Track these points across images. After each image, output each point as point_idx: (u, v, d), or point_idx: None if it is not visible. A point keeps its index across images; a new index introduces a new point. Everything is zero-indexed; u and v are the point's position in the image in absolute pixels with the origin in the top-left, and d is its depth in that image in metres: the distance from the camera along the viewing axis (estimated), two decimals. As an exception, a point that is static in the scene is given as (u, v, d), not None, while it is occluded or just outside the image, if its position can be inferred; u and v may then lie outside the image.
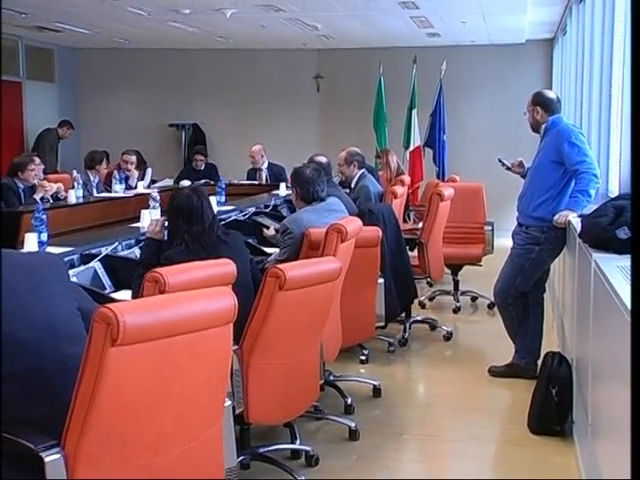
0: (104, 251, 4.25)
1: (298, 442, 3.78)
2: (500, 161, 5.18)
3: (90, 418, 1.97)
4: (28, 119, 11.66)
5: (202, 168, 9.87)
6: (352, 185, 6.89)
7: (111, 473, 2.02)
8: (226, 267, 3.08)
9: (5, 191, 6.53)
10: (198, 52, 12.19)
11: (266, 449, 3.62)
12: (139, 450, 2.08)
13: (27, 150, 11.03)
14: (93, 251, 4.23)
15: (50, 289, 2.39)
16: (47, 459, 1.96)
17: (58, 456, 1.97)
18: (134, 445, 2.06)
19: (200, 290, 2.27)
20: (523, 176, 5.06)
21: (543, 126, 4.80)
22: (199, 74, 12.50)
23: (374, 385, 4.72)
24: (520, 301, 4.87)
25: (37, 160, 6.95)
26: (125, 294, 3.82)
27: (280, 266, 3.13)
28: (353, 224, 4.23)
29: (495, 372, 4.99)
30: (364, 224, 4.52)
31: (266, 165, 9.42)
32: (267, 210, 6.70)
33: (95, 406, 1.97)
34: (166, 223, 3.87)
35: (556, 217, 4.58)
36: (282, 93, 12.34)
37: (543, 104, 4.81)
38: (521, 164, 5.14)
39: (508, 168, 5.19)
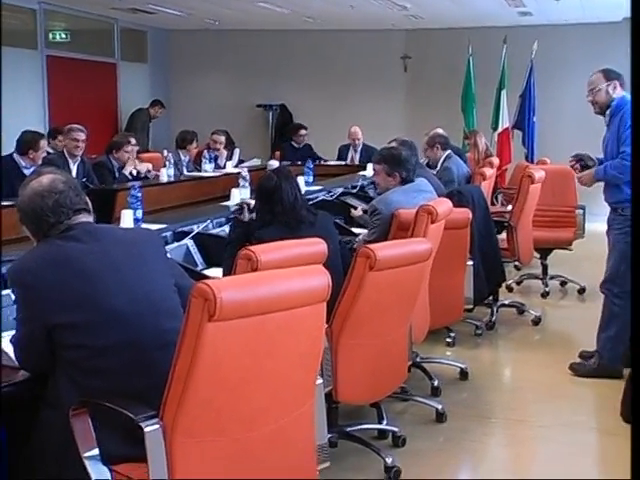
0: (196, 229, 4.33)
1: (385, 422, 3.80)
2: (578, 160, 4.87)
3: (187, 391, 2.01)
4: (122, 99, 11.95)
5: (302, 145, 9.94)
6: (437, 167, 6.83)
7: (207, 445, 2.07)
8: (317, 246, 3.09)
9: (100, 169, 6.72)
10: (286, 33, 12.23)
11: (353, 428, 3.64)
12: (234, 424, 2.11)
13: (120, 129, 11.30)
14: (185, 229, 4.31)
15: (148, 265, 2.44)
16: (147, 429, 2.01)
17: (157, 427, 2.02)
18: (229, 419, 2.10)
19: (295, 268, 2.29)
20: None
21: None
22: (287, 55, 12.55)
23: (461, 368, 4.69)
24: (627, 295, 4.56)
25: (133, 141, 7.12)
26: (216, 271, 3.89)
27: (371, 246, 3.13)
28: (443, 205, 4.18)
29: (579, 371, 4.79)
30: (453, 206, 4.47)
31: (361, 146, 9.45)
32: (354, 191, 6.71)
33: (192, 380, 2.00)
34: (252, 204, 3.97)
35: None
36: (369, 74, 12.28)
37: (620, 79, 4.58)
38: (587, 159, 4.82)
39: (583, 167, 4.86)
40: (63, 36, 11.16)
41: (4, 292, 2.89)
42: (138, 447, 2.03)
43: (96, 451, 2.16)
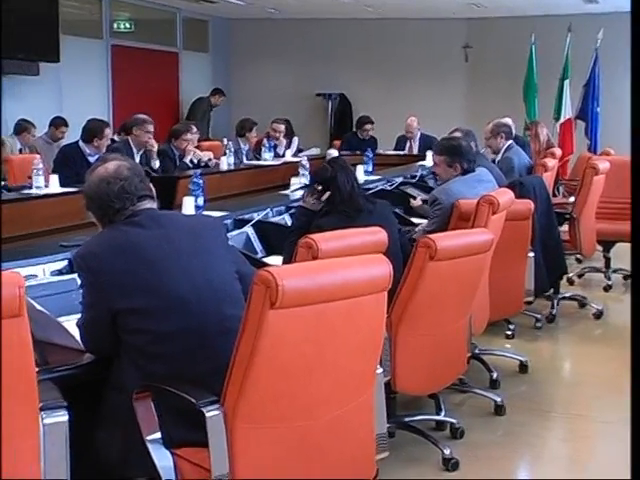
0: (256, 217, 4.36)
1: (443, 414, 3.77)
2: None
3: (248, 378, 2.02)
4: (183, 88, 12.08)
5: (367, 138, 9.92)
6: (498, 157, 6.75)
7: (267, 432, 2.08)
8: (377, 235, 3.08)
9: (162, 156, 6.80)
10: (346, 22, 12.20)
11: (411, 419, 3.63)
12: (294, 412, 2.12)
13: (181, 118, 11.43)
14: (245, 216, 4.34)
15: (211, 251, 2.46)
16: (208, 414, 2.02)
17: (218, 412, 2.04)
18: (289, 406, 2.11)
19: (357, 256, 2.28)
20: None
21: None
22: (347, 44, 12.52)
23: (521, 361, 4.64)
24: None
25: (194, 129, 7.19)
26: (276, 259, 3.90)
27: (431, 236, 3.11)
28: (505, 196, 4.13)
29: None
30: (515, 196, 4.41)
31: (419, 136, 9.39)
32: (414, 181, 6.66)
33: (253, 367, 2.02)
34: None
35: None
36: (429, 63, 12.19)
37: None
38: None
39: None
40: (127, 26, 11.33)
41: (68, 277, 2.95)
42: (199, 432, 2.05)
43: (158, 435, 2.19)
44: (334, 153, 8.09)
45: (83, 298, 2.39)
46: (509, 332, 5.22)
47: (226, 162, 7.23)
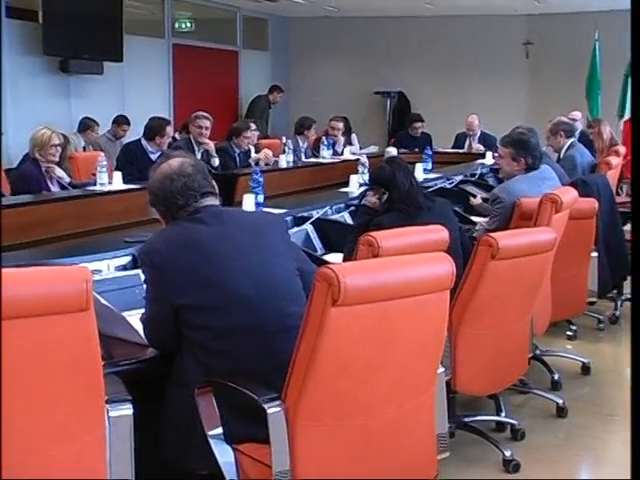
0: (315, 214, 4.36)
1: (503, 415, 3.73)
2: None
3: (309, 375, 2.02)
4: (242, 86, 12.17)
5: (418, 135, 9.86)
6: (561, 155, 6.64)
7: (328, 429, 2.08)
8: (439, 233, 3.06)
9: (222, 154, 6.86)
10: (406, 19, 12.14)
11: (472, 419, 3.60)
12: (354, 409, 2.11)
13: (240, 116, 11.52)
14: (305, 214, 4.35)
15: (272, 249, 2.47)
16: (269, 411, 2.03)
17: (279, 409, 2.04)
18: (350, 404, 2.11)
19: (419, 254, 2.27)
20: None
21: None
22: (406, 42, 12.46)
23: (583, 362, 4.56)
24: None
25: (253, 126, 7.23)
26: (335, 257, 3.91)
27: (493, 235, 3.07)
28: (568, 194, 4.06)
29: None
30: (578, 195, 4.33)
31: (479, 134, 9.30)
32: (474, 179, 6.60)
33: (314, 364, 2.02)
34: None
35: None
36: (489, 60, 12.05)
37: None
38: None
39: None
40: (188, 25, 11.47)
41: (132, 272, 2.99)
42: (261, 428, 2.06)
43: (220, 430, 2.21)
44: (393, 151, 8.05)
45: (147, 294, 2.43)
46: (571, 333, 5.13)
47: (285, 160, 7.26)
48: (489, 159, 7.76)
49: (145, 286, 2.44)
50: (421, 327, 2.19)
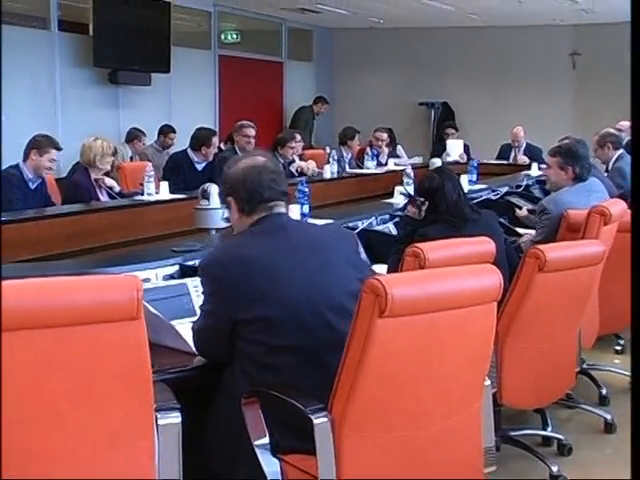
0: (360, 225, 4.36)
1: (550, 429, 3.68)
2: None
3: (356, 386, 2.02)
4: (287, 97, 12.24)
5: None
6: (609, 167, 6.56)
7: (374, 441, 2.08)
8: (485, 245, 3.04)
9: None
10: (450, 30, 12.11)
11: (517, 433, 3.56)
12: (401, 421, 2.11)
13: (285, 127, 11.58)
14: (350, 224, 4.35)
15: (334, 267, 2.42)
16: (316, 421, 2.03)
17: (325, 419, 2.05)
18: (396, 416, 2.10)
19: (466, 266, 2.26)
20: None
21: None
22: (450, 52, 12.42)
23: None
24: None
25: (298, 137, 7.26)
26: (380, 268, 3.89)
27: (540, 247, 3.04)
28: (617, 206, 4.01)
29: None
30: (627, 207, 4.28)
31: (524, 146, 9.23)
32: (519, 190, 6.55)
33: (361, 375, 2.02)
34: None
35: None
36: (534, 71, 11.96)
37: None
38: None
39: None
40: (234, 37, 11.58)
41: (179, 281, 3.02)
42: (307, 439, 2.07)
43: (266, 440, 2.21)
44: (438, 162, 8.02)
45: (204, 305, 2.42)
46: (619, 347, 5.05)
47: (329, 170, 7.27)
48: (534, 170, 7.69)
49: (203, 297, 2.44)
50: (468, 339, 2.18)
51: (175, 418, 1.97)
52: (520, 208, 5.61)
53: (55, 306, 1.80)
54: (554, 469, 3.30)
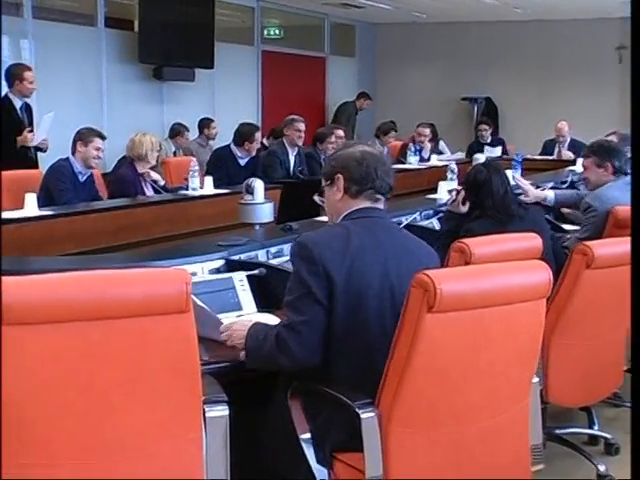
0: (404, 221, 4.34)
1: (596, 428, 3.64)
2: None
3: (403, 381, 2.02)
4: (329, 92, 12.24)
5: (489, 141, 9.72)
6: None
7: (421, 436, 2.07)
8: (532, 241, 3.02)
9: (309, 159, 6.91)
10: (493, 24, 12.01)
11: (563, 431, 3.52)
12: (448, 417, 2.10)
13: (327, 122, 11.58)
14: (393, 220, 4.32)
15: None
16: (363, 416, 2.04)
17: (373, 414, 2.05)
18: (444, 412, 2.09)
19: (516, 262, 2.24)
20: None
21: None
22: (494, 47, 12.31)
23: (680, 376, 4.40)
24: None
25: (338, 133, 7.25)
26: (424, 264, 3.88)
27: (588, 243, 3.01)
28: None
29: None
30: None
31: (568, 141, 9.12)
32: (564, 186, 6.47)
33: (409, 370, 2.01)
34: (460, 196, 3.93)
35: None
36: (580, 65, 11.80)
37: None
38: None
39: None
40: (277, 32, 11.61)
41: (225, 275, 3.03)
42: (354, 434, 2.07)
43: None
44: (481, 158, 7.95)
45: (294, 293, 2.26)
46: (667, 345, 4.96)
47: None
48: (579, 166, 7.57)
49: (292, 287, 2.28)
50: (517, 335, 2.16)
51: (223, 411, 1.98)
52: (566, 204, 5.53)
53: (106, 299, 1.82)
54: (601, 468, 3.26)
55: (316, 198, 2.62)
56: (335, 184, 2.43)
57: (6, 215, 4.35)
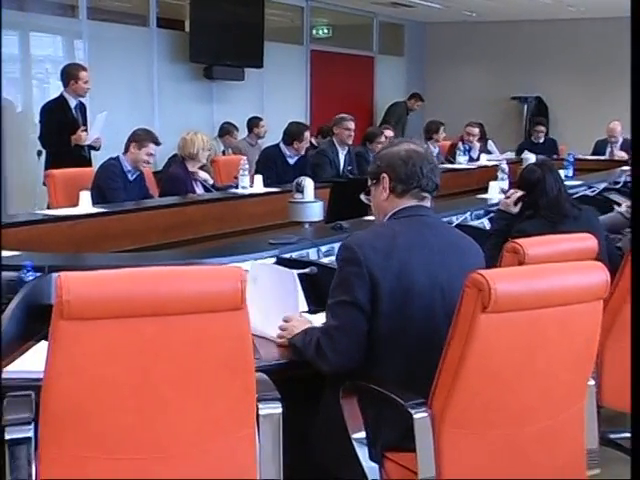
0: (455, 220, 4.32)
1: (651, 433, 3.56)
2: None
3: (457, 381, 2.00)
4: (377, 92, 12.21)
5: (542, 141, 9.60)
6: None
7: (475, 438, 2.05)
8: (586, 242, 2.96)
9: (358, 159, 6.90)
10: (546, 23, 11.86)
11: (618, 435, 3.45)
12: (503, 419, 2.08)
13: (375, 122, 11.56)
14: (444, 220, 4.30)
15: (460, 276, 2.26)
16: (416, 416, 2.02)
17: (425, 415, 2.03)
18: (498, 413, 2.07)
19: (572, 263, 2.21)
20: None
21: None
22: (546, 45, 12.15)
23: None
24: None
25: (387, 133, 7.25)
26: (475, 264, 3.85)
27: (646, 245, 2.95)
28: None
29: None
30: None
31: (621, 141, 8.97)
32: (617, 186, 6.37)
33: (462, 370, 1.99)
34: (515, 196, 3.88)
35: None
36: (634, 64, 11.59)
37: None
38: None
39: None
40: (326, 31, 11.61)
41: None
42: (406, 434, 2.06)
43: (364, 434, 2.21)
44: (531, 157, 7.85)
45: (337, 296, 2.27)
46: None
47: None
48: (634, 166, 7.47)
49: (333, 291, 2.29)
50: (573, 337, 2.13)
51: (276, 408, 1.99)
52: (619, 205, 5.44)
53: (162, 295, 1.84)
54: (656, 474, 3.19)
55: (362, 197, 2.61)
56: (381, 183, 2.42)
57: (61, 212, 4.45)
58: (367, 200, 2.58)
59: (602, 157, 9.05)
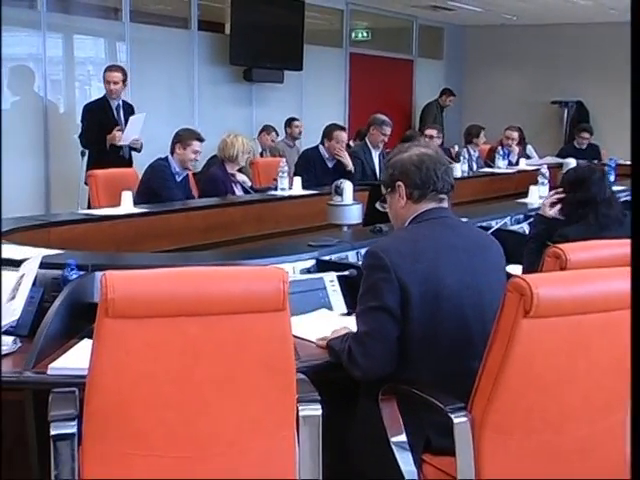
0: (494, 225, 4.29)
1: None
2: None
3: (498, 386, 1.99)
4: (416, 95, 12.19)
5: (584, 147, 9.50)
6: None
7: (515, 443, 2.04)
8: (630, 248, 2.93)
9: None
10: (586, 26, 11.72)
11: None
12: (543, 424, 2.06)
13: (414, 125, 11.53)
14: (484, 224, 4.28)
15: (486, 273, 2.36)
16: (456, 420, 2.01)
17: (465, 419, 2.02)
18: (539, 419, 2.05)
19: (615, 268, 2.18)
20: None
21: None
22: (587, 49, 12.01)
23: None
24: None
25: (430, 131, 7.25)
26: (514, 268, 3.81)
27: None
28: None
29: None
30: None
31: (663, 147, 8.83)
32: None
33: (503, 375, 1.98)
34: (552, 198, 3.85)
35: None
36: (677, 68, 11.43)
37: None
38: None
39: None
40: (365, 34, 11.61)
41: (316, 275, 3.04)
42: (445, 438, 2.05)
43: (403, 437, 2.20)
44: (572, 162, 7.78)
45: (366, 302, 2.27)
46: None
47: (459, 169, 7.17)
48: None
49: (362, 298, 2.30)
50: (615, 344, 2.10)
51: (316, 410, 2.00)
52: (662, 211, 5.37)
53: (205, 295, 1.86)
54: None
55: (378, 206, 2.62)
56: (397, 192, 2.43)
57: (103, 212, 4.51)
58: (383, 208, 2.59)
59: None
